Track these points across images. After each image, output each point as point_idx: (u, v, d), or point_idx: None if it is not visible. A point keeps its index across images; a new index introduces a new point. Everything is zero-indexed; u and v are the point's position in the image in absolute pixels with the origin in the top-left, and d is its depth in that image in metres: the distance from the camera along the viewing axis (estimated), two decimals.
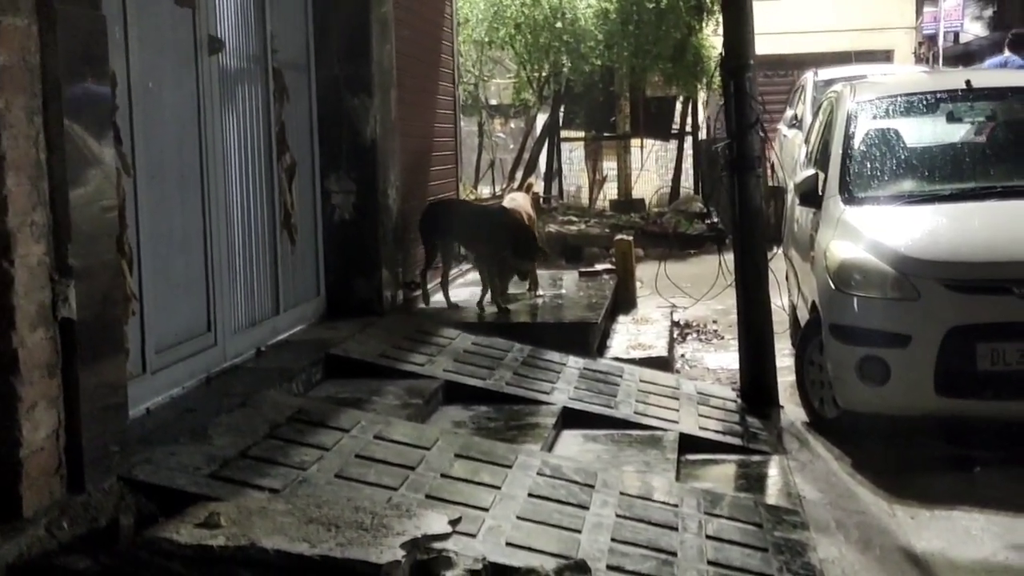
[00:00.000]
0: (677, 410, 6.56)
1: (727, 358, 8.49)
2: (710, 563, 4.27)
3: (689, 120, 18.49)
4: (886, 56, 24.76)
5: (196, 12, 5.72)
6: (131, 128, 4.96)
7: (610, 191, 18.70)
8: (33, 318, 3.64)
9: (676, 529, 4.53)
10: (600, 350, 8.01)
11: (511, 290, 8.61)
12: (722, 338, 9.46)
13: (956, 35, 25.92)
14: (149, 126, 5.18)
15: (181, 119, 5.64)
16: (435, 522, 3.91)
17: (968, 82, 7.91)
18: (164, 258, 5.37)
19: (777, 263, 7.94)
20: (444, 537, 3.85)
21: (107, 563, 3.47)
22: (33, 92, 3.67)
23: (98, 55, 4.05)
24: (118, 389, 4.14)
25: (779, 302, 7.93)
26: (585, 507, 4.59)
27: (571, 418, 6.20)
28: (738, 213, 7.10)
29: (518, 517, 4.34)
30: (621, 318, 9.34)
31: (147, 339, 5.11)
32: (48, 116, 3.72)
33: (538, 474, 4.86)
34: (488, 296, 8.32)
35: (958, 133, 7.93)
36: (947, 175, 7.47)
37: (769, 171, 11.44)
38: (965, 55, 23.63)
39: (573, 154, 20.47)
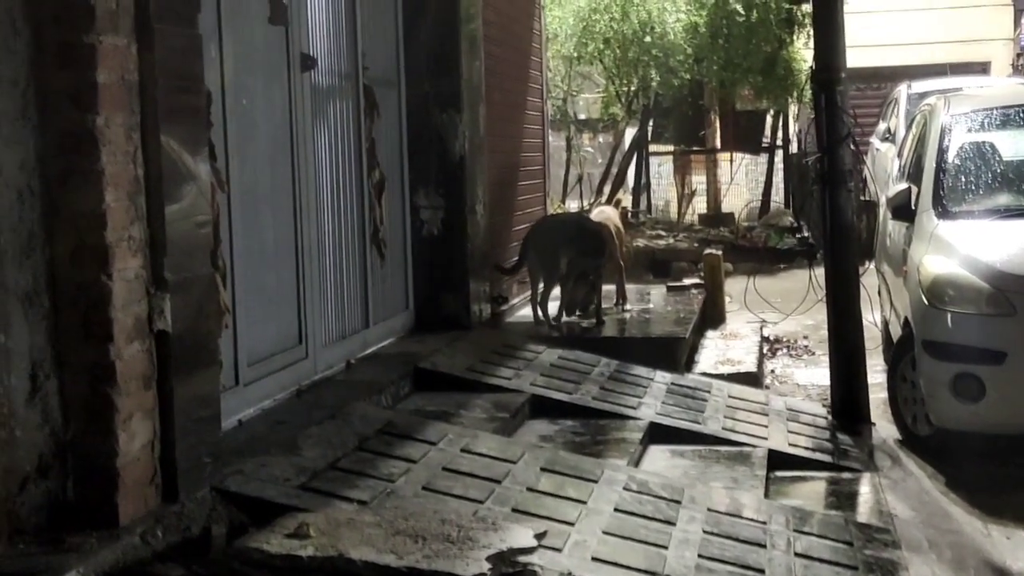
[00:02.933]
0: (766, 426, 6.49)
1: (817, 374, 8.39)
2: None
3: (780, 133, 18.32)
4: (983, 68, 24.23)
5: (289, 30, 5.81)
6: (225, 144, 5.05)
7: (699, 205, 18.58)
8: (130, 330, 3.72)
9: (764, 546, 4.49)
10: (688, 365, 7.98)
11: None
12: (812, 354, 9.36)
13: None
14: (243, 142, 5.27)
15: (274, 135, 5.74)
16: (521, 536, 3.92)
17: None
18: (257, 272, 5.46)
19: (869, 278, 7.84)
20: (530, 551, 3.85)
21: (199, 572, 3.53)
22: (131, 109, 3.75)
23: (194, 73, 4.13)
24: (211, 401, 4.21)
25: (871, 318, 7.82)
26: (672, 523, 4.56)
27: (658, 433, 6.16)
28: (829, 227, 7.02)
29: (604, 532, 4.33)
30: (710, 333, 9.29)
31: (240, 352, 5.20)
32: (145, 133, 3.80)
33: (624, 489, 4.84)
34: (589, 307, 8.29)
35: None
36: None
37: (861, 185, 11.28)
38: None
39: (661, 168, 20.38)
